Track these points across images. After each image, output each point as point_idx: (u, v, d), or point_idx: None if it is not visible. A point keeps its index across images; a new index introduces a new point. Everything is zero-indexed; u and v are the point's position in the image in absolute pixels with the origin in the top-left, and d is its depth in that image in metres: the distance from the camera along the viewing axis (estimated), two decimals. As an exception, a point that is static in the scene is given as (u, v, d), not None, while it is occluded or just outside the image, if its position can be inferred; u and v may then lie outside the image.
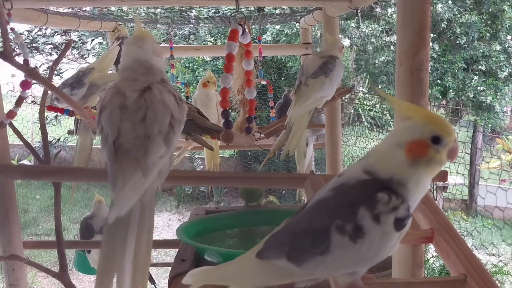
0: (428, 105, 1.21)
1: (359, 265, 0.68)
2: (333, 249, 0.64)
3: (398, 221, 0.64)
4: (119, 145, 0.95)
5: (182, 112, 1.03)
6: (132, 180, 0.91)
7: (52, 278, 2.97)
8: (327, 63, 1.63)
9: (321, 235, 0.65)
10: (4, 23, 1.21)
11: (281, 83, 6.79)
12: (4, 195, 1.76)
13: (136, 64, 1.05)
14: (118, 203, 0.88)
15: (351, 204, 0.65)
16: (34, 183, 7.52)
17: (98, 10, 2.85)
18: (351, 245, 0.64)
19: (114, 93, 1.00)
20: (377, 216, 0.64)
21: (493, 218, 5.56)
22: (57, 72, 7.14)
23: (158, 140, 0.95)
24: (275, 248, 0.68)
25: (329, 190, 0.69)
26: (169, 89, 1.03)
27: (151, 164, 0.93)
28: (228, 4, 2.48)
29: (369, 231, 0.64)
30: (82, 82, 1.82)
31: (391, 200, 0.64)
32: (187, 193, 7.51)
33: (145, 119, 0.96)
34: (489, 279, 0.69)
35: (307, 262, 0.65)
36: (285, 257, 0.66)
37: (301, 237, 0.66)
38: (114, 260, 0.88)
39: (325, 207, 0.68)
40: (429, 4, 1.16)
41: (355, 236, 0.64)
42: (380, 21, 6.39)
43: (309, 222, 0.67)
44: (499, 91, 6.36)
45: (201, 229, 1.72)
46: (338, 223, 0.64)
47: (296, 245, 0.66)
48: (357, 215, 0.64)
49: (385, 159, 0.68)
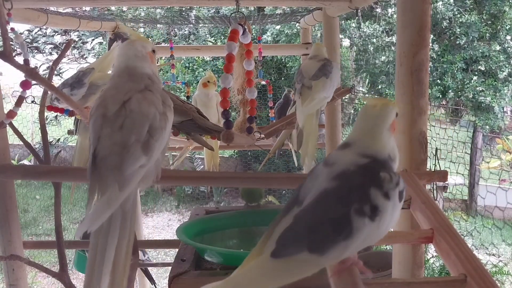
0: (428, 105, 1.21)
1: (375, 241, 0.74)
2: (356, 232, 0.69)
3: (401, 193, 0.73)
4: (98, 152, 0.95)
5: (165, 120, 1.01)
6: (107, 194, 0.89)
7: (52, 278, 2.97)
8: (325, 65, 1.66)
9: (342, 222, 0.69)
10: (4, 23, 1.21)
11: (281, 83, 6.79)
12: (4, 195, 1.76)
13: (121, 71, 1.05)
14: (89, 217, 0.86)
15: (362, 187, 0.71)
16: (34, 183, 7.52)
17: (98, 10, 2.85)
18: (371, 224, 0.70)
19: (100, 102, 1.00)
20: (387, 193, 0.71)
21: (493, 218, 5.56)
22: (57, 72, 7.14)
23: (135, 149, 0.93)
24: (292, 244, 0.69)
25: (331, 180, 0.73)
26: (150, 98, 1.00)
27: (129, 176, 0.91)
28: (228, 4, 2.48)
29: (384, 208, 0.71)
30: (82, 82, 1.81)
31: (392, 177, 0.73)
32: (187, 193, 7.51)
33: (123, 127, 0.95)
34: (489, 279, 0.69)
35: (330, 249, 0.69)
36: (306, 250, 0.69)
37: (320, 228, 0.70)
38: (95, 268, 0.88)
39: (336, 196, 0.72)
40: (429, 4, 1.16)
41: (373, 215, 0.70)
42: (380, 21, 6.39)
43: (324, 212, 0.71)
44: (498, 91, 6.35)
45: (201, 229, 1.72)
46: (355, 207, 0.69)
47: (316, 236, 0.69)
48: (370, 196, 0.70)
49: (382, 141, 0.77)
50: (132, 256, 1.58)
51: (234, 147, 3.96)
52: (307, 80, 1.64)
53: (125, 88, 1.01)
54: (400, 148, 1.21)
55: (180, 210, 7.22)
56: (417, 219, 0.93)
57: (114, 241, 0.90)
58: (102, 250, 0.89)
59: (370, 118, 0.79)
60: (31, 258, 2.18)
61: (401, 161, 1.21)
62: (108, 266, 0.88)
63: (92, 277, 0.88)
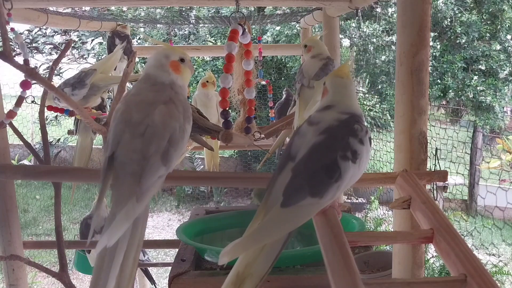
0: (428, 105, 1.21)
1: (356, 180, 0.89)
2: (344, 173, 0.84)
3: (370, 139, 0.92)
4: (117, 156, 0.95)
5: (184, 132, 1.01)
6: (125, 208, 0.89)
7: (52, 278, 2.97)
8: (327, 65, 1.64)
9: (333, 167, 0.84)
10: (4, 23, 1.21)
11: (281, 83, 6.79)
12: (4, 195, 1.76)
13: (144, 78, 1.05)
14: (109, 232, 0.86)
15: (343, 137, 0.87)
16: (34, 183, 7.51)
17: (98, 10, 2.85)
18: (353, 166, 0.86)
19: (124, 108, 1.00)
20: (361, 140, 0.88)
21: (493, 218, 5.56)
22: (57, 72, 7.13)
23: (154, 160, 0.94)
24: (297, 193, 0.82)
25: (319, 134, 0.88)
26: (173, 111, 1.00)
27: (146, 188, 0.92)
28: (228, 4, 2.48)
29: (361, 152, 0.87)
30: (84, 82, 1.82)
31: (362, 128, 0.91)
32: (187, 193, 7.51)
33: (144, 135, 0.95)
34: (489, 279, 0.69)
35: (327, 191, 0.83)
36: (309, 196, 0.81)
37: (316, 175, 0.83)
38: (102, 272, 0.88)
39: (325, 146, 0.87)
40: (429, 4, 1.16)
41: (354, 159, 0.86)
42: (380, 21, 6.38)
43: (317, 161, 0.85)
44: (498, 91, 6.35)
45: (201, 229, 1.72)
46: (341, 154, 0.85)
47: (315, 182, 0.83)
48: (350, 143, 0.86)
49: (355, 100, 0.98)
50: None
51: (234, 147, 3.96)
52: (306, 80, 1.64)
53: (150, 97, 1.01)
54: (400, 148, 1.22)
55: (180, 210, 7.22)
56: (417, 219, 0.93)
57: (123, 246, 0.90)
58: (111, 253, 0.89)
59: (344, 85, 0.97)
60: (31, 258, 2.18)
61: (401, 161, 1.21)
62: (115, 270, 0.89)
63: (98, 280, 0.88)
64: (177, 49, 1.10)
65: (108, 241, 0.86)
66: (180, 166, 6.63)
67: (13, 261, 1.78)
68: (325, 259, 0.74)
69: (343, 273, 0.70)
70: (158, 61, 1.06)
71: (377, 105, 6.89)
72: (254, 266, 0.84)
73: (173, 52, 1.08)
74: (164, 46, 1.09)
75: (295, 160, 0.86)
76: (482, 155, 7.34)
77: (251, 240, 0.79)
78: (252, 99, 1.48)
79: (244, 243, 0.78)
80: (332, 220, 0.84)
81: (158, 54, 1.08)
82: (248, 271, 0.84)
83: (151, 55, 1.10)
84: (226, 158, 7.77)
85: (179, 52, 1.09)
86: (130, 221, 0.89)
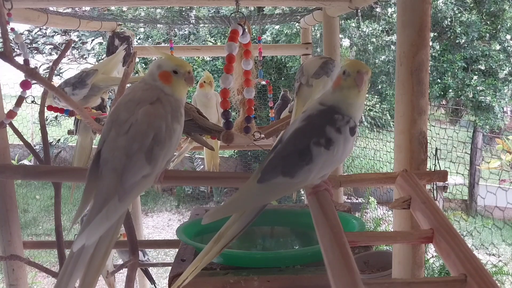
0: (428, 105, 1.21)
1: (332, 166, 0.95)
2: (315, 158, 0.91)
3: (351, 129, 0.95)
4: (102, 153, 0.96)
5: (171, 131, 1.01)
6: (106, 207, 0.89)
7: (52, 278, 2.97)
8: (327, 63, 1.64)
9: (305, 151, 0.91)
10: (4, 23, 1.22)
11: (281, 83, 6.79)
12: (4, 195, 1.76)
13: (140, 82, 1.07)
14: (88, 231, 0.87)
15: (320, 125, 0.94)
16: (34, 183, 7.52)
17: (98, 10, 2.85)
18: (326, 152, 0.92)
19: (114, 109, 1.02)
20: (339, 128, 0.93)
21: (493, 218, 5.56)
22: (57, 72, 7.13)
23: (137, 158, 0.94)
24: (271, 171, 0.92)
25: (301, 121, 0.96)
26: (159, 109, 1.00)
27: (129, 187, 0.91)
28: (228, 4, 2.48)
29: (336, 140, 0.92)
30: (85, 83, 1.82)
31: (344, 118, 0.95)
32: (187, 193, 7.52)
33: (128, 132, 0.96)
34: (489, 279, 0.69)
35: (298, 173, 0.91)
36: (280, 175, 0.91)
37: (290, 157, 0.92)
38: (70, 262, 0.89)
39: (302, 132, 0.94)
40: (429, 4, 1.16)
41: (327, 145, 0.92)
42: (380, 21, 6.38)
43: (293, 145, 0.93)
44: (498, 91, 6.35)
45: (201, 229, 1.72)
46: (314, 140, 0.92)
47: (287, 163, 0.91)
48: (326, 131, 0.92)
49: (333, 94, 0.99)
50: (132, 256, 1.59)
51: (234, 147, 3.96)
52: (305, 78, 1.64)
53: (137, 96, 1.02)
54: (400, 148, 1.22)
55: (180, 210, 7.22)
56: (417, 219, 0.93)
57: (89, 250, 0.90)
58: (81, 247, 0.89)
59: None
60: (31, 258, 2.18)
61: (401, 161, 1.21)
62: (83, 262, 0.89)
63: (64, 272, 0.88)
64: (174, 61, 1.06)
65: (87, 240, 0.87)
66: (180, 166, 6.63)
67: (13, 261, 1.78)
68: (325, 259, 0.74)
69: (343, 273, 0.69)
70: (150, 69, 1.08)
71: (377, 105, 6.90)
72: (230, 229, 1.02)
73: (167, 63, 1.05)
74: (166, 56, 1.08)
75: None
76: (482, 155, 7.35)
77: (227, 208, 0.95)
78: (252, 98, 1.48)
79: (222, 209, 0.94)
80: (332, 220, 0.84)
81: (154, 63, 1.09)
82: (225, 232, 1.02)
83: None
84: (226, 158, 7.77)
85: (175, 64, 1.05)
86: (111, 221, 0.90)
